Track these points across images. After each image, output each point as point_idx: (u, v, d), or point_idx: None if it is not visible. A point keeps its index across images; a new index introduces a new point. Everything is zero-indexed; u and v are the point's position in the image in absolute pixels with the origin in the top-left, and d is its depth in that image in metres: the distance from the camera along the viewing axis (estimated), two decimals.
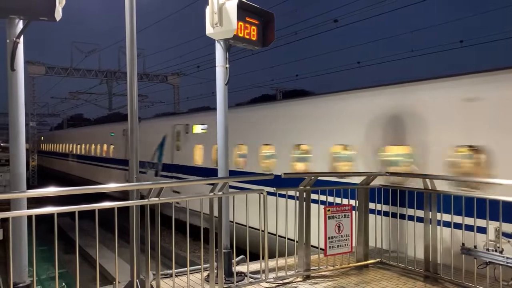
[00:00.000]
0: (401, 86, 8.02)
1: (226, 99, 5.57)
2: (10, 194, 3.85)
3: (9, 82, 3.85)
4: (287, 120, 10.83)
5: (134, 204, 4.47)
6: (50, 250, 13.95)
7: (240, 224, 5.19)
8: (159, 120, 22.11)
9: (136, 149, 4.80)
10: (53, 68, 34.51)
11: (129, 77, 4.82)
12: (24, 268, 3.89)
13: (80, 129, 38.06)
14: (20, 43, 3.83)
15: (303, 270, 5.48)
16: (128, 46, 4.82)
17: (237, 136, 11.56)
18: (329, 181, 7.84)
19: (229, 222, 5.36)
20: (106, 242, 12.72)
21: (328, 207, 5.55)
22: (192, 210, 4.71)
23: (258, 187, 5.61)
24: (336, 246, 5.60)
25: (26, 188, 3.98)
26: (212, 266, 4.73)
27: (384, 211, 6.07)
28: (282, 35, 20.51)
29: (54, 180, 32.30)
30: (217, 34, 5.29)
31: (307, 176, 5.67)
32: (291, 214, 5.36)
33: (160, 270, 4.52)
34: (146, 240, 4.41)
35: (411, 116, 7.29)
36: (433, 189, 5.43)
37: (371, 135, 8.05)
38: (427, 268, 5.48)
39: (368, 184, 6.10)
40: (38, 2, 3.70)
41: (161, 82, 38.39)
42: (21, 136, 3.92)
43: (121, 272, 4.53)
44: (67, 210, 3.86)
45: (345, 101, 9.29)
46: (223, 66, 5.48)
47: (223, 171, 5.50)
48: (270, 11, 5.59)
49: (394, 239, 6.09)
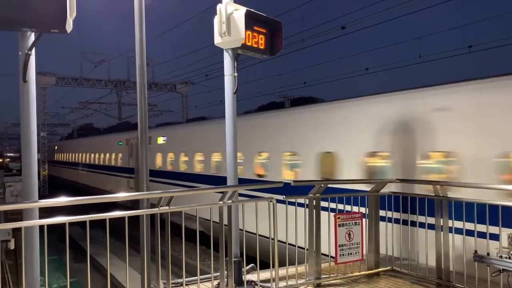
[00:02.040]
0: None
1: (235, 108, 5.59)
2: (22, 204, 3.89)
3: (21, 93, 3.91)
4: (311, 127, 10.22)
5: (145, 213, 4.49)
6: (60, 260, 14.02)
7: (249, 232, 5.19)
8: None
9: (146, 158, 4.83)
10: (63, 79, 34.91)
11: (138, 86, 4.87)
12: (36, 277, 3.91)
13: (98, 138, 35.93)
14: (32, 55, 3.89)
15: (314, 279, 5.45)
16: (138, 55, 4.87)
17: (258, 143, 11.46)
18: (339, 189, 7.80)
19: (239, 231, 5.36)
20: (116, 251, 12.77)
21: (338, 215, 5.52)
22: (189, 215, 4.71)
23: (268, 195, 5.61)
24: (347, 254, 5.56)
25: (38, 198, 4.02)
26: (222, 275, 4.72)
27: (395, 218, 6.02)
28: (289, 42, 20.59)
29: (64, 189, 32.19)
30: (225, 43, 5.33)
31: (316, 183, 5.65)
32: (301, 222, 5.35)
33: (170, 279, 4.52)
34: (157, 249, 4.42)
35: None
36: (444, 195, 5.38)
37: (409, 141, 7.50)
38: (440, 276, 5.42)
39: (378, 191, 6.06)
40: (49, 14, 3.76)
41: (170, 91, 38.64)
42: (33, 146, 3.96)
43: (132, 281, 4.54)
44: (78, 219, 3.89)
45: (376, 105, 8.53)
46: (231, 75, 5.51)
47: (232, 179, 5.50)
48: (278, 19, 5.63)
49: (405, 247, 6.03)
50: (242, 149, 10.98)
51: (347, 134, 8.89)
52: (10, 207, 4.15)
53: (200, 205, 4.67)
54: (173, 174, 16.84)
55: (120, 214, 4.09)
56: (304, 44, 20.47)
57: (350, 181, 8.13)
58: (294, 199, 5.36)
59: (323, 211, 5.48)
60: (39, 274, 3.98)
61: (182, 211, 4.59)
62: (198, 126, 18.08)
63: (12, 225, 3.97)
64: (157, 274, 4.45)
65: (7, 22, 3.71)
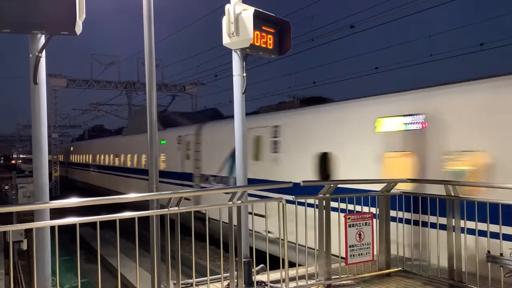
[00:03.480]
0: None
1: (244, 108, 5.58)
2: (34, 205, 3.92)
3: (32, 95, 3.95)
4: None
5: (154, 213, 4.50)
6: (72, 260, 14.15)
7: (259, 232, 5.18)
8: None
9: (155, 159, 4.84)
10: (74, 81, 35.27)
11: (148, 88, 4.88)
12: (48, 277, 3.94)
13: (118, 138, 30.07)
14: (43, 57, 3.92)
15: (324, 279, 5.42)
16: (147, 57, 4.89)
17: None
18: (349, 189, 7.75)
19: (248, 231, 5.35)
20: (126, 251, 12.83)
21: (349, 215, 5.49)
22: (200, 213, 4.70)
23: (277, 195, 5.60)
24: (357, 255, 5.52)
25: (49, 199, 4.06)
26: (232, 275, 4.72)
27: (406, 218, 5.97)
28: (298, 42, 20.56)
29: (77, 191, 30.92)
30: (234, 43, 5.33)
31: (326, 184, 5.62)
32: (310, 222, 5.32)
33: (180, 279, 4.53)
34: (167, 250, 4.43)
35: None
36: (456, 195, 5.32)
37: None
38: (452, 277, 5.36)
39: (389, 191, 6.02)
40: (59, 17, 3.80)
41: (179, 92, 38.80)
42: (44, 148, 4.00)
43: (142, 281, 4.55)
44: (89, 220, 3.91)
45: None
46: (240, 75, 5.51)
47: (242, 180, 5.50)
48: (286, 19, 5.61)
49: (416, 247, 5.97)
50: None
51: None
52: (22, 208, 4.19)
53: (210, 205, 4.67)
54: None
55: (130, 214, 4.11)
56: (313, 43, 20.42)
57: (360, 181, 8.06)
58: (303, 200, 5.34)
59: (333, 212, 5.46)
60: (51, 274, 4.01)
61: (192, 211, 4.59)
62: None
63: (24, 226, 4.00)
64: (167, 275, 4.46)
65: (17, 24, 3.74)
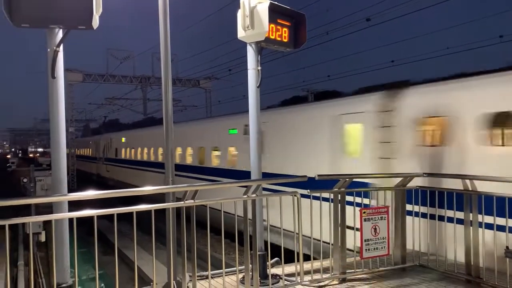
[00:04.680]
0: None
1: (259, 102, 5.57)
2: (52, 197, 3.99)
3: (50, 90, 4.00)
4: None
5: (171, 206, 4.54)
6: (88, 252, 14.36)
7: (274, 226, 5.18)
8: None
9: (171, 152, 4.87)
10: (90, 75, 35.65)
11: (163, 82, 4.90)
12: (67, 269, 4.01)
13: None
14: (60, 52, 3.96)
15: (339, 273, 5.41)
16: (163, 52, 4.90)
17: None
18: (364, 183, 7.70)
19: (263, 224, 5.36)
20: (141, 244, 12.97)
21: (364, 209, 5.46)
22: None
23: (292, 189, 5.59)
24: (373, 249, 5.50)
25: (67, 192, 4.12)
26: (247, 268, 4.74)
27: (422, 212, 5.91)
28: (313, 35, 20.42)
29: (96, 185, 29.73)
30: (249, 37, 5.31)
31: (341, 178, 5.60)
32: (325, 216, 5.31)
33: (196, 272, 4.57)
34: (182, 242, 4.46)
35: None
36: (473, 190, 5.25)
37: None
38: (469, 272, 5.30)
39: (405, 185, 5.96)
40: (76, 11, 3.83)
41: (193, 86, 38.94)
42: (62, 141, 4.05)
43: (158, 273, 4.60)
44: (106, 212, 3.97)
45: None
46: (255, 68, 5.49)
47: (256, 173, 5.50)
48: (301, 12, 5.57)
49: (433, 242, 5.92)
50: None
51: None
52: (40, 200, 4.26)
53: (225, 198, 4.69)
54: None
55: (147, 207, 4.15)
56: (328, 36, 20.26)
57: (375, 175, 8.01)
58: (318, 194, 5.32)
59: (348, 206, 5.43)
60: (69, 266, 4.08)
61: (207, 204, 4.62)
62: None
63: (43, 218, 4.07)
64: (183, 267, 4.50)
65: (35, 19, 3.80)
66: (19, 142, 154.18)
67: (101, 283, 11.78)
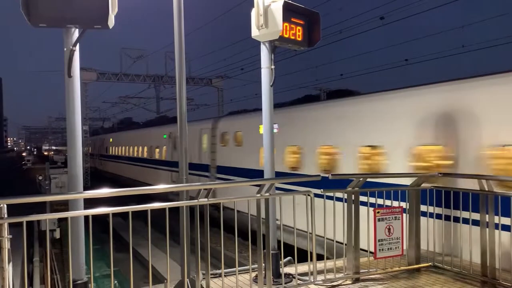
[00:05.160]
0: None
1: (272, 101, 5.57)
2: (68, 195, 4.04)
3: (67, 88, 4.04)
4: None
5: (184, 204, 4.56)
6: (102, 249, 14.52)
7: (287, 226, 5.18)
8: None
9: (185, 151, 4.89)
10: (104, 74, 36.01)
11: (178, 80, 4.93)
12: (82, 266, 4.06)
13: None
14: (76, 51, 4.01)
15: (352, 273, 5.39)
16: (177, 51, 4.91)
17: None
18: (378, 183, 7.65)
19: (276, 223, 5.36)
20: (154, 241, 13.04)
21: (378, 209, 5.42)
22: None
23: (305, 188, 5.58)
24: (386, 249, 5.46)
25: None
26: (260, 267, 4.74)
27: (437, 213, 5.85)
28: (326, 34, 20.31)
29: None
30: (263, 36, 5.31)
31: (355, 177, 5.56)
32: (339, 216, 5.29)
33: (209, 270, 4.58)
34: (196, 241, 4.48)
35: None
36: (490, 190, 5.18)
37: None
38: (484, 273, 5.23)
39: (419, 185, 5.90)
40: (92, 11, 3.87)
41: (206, 85, 39.08)
42: (78, 139, 4.09)
43: (170, 271, 4.63)
44: (121, 210, 4.00)
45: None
46: (268, 67, 5.49)
47: (269, 172, 5.50)
48: (315, 10, 5.55)
49: (447, 243, 5.85)
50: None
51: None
52: (57, 197, 4.33)
53: (238, 197, 4.70)
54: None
55: (161, 205, 4.18)
56: (341, 35, 20.14)
57: (390, 174, 7.95)
58: (332, 193, 5.30)
59: (361, 206, 5.40)
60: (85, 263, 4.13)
61: (221, 203, 4.63)
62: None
63: (59, 215, 4.12)
64: (196, 265, 4.51)
65: (52, 19, 3.84)
66: (34, 140, 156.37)
67: (114, 280, 11.89)
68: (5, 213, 3.33)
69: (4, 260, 3.25)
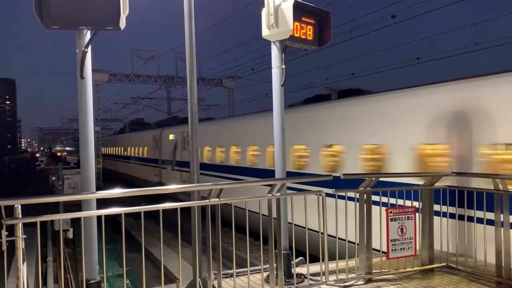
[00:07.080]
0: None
1: (283, 100, 5.56)
2: (81, 195, 4.07)
3: (79, 90, 4.08)
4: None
5: (196, 204, 4.57)
6: (114, 249, 14.62)
7: (298, 225, 5.16)
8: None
9: (196, 151, 4.91)
10: (115, 75, 36.25)
11: (189, 81, 4.94)
12: (95, 265, 4.09)
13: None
14: (88, 52, 4.04)
15: (365, 273, 5.35)
16: (188, 51, 4.93)
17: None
18: (390, 182, 7.57)
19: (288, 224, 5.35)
20: (166, 241, 13.10)
21: (390, 209, 5.38)
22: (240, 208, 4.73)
23: (316, 188, 5.56)
24: (399, 249, 5.41)
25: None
26: (272, 267, 4.73)
27: (450, 213, 5.78)
28: (337, 33, 20.21)
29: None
30: (273, 35, 5.30)
31: (367, 177, 5.52)
32: (351, 216, 5.25)
33: (221, 270, 4.59)
34: (208, 241, 4.49)
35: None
36: (504, 189, 5.10)
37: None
38: (499, 274, 5.16)
39: (432, 185, 5.84)
40: (104, 12, 3.90)
41: (216, 85, 39.15)
42: (90, 140, 4.13)
43: (182, 271, 4.64)
44: (134, 210, 4.02)
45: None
46: (279, 67, 5.48)
47: (281, 172, 5.49)
48: (326, 9, 5.52)
49: (461, 243, 5.78)
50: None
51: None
52: (71, 198, 4.37)
53: (249, 197, 4.69)
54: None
55: (173, 205, 4.19)
56: (352, 34, 20.04)
57: (402, 174, 7.88)
58: (344, 193, 5.27)
59: (374, 205, 5.36)
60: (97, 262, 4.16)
61: (232, 203, 4.63)
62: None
63: (72, 215, 4.16)
64: (208, 265, 4.52)
65: (64, 21, 3.88)
66: (47, 141, 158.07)
67: (126, 280, 11.97)
68: (19, 213, 3.37)
69: (19, 260, 3.29)
